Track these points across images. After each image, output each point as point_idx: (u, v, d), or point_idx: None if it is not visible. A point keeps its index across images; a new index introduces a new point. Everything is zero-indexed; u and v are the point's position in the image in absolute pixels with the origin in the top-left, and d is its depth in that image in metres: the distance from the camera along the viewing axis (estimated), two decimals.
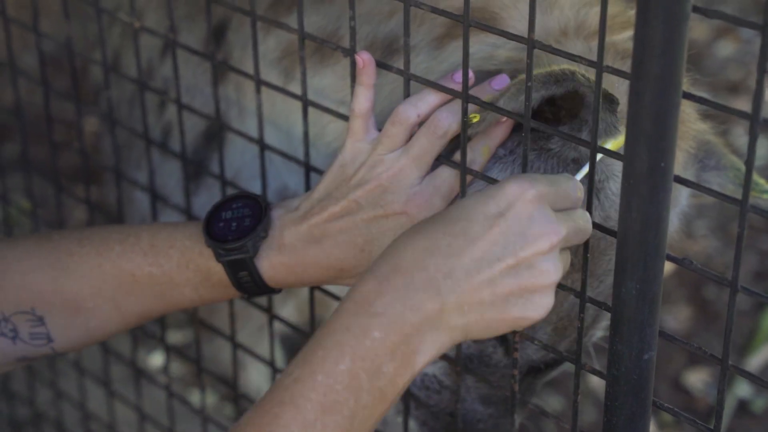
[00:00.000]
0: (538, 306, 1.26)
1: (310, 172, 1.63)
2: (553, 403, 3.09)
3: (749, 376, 1.25)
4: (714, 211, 3.79)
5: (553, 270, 1.25)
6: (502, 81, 1.43)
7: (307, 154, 1.61)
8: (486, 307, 1.24)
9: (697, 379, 3.20)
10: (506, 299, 1.24)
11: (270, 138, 1.73)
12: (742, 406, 3.12)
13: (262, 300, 1.86)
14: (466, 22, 1.32)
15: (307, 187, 1.63)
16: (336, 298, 1.67)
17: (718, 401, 1.24)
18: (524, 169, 1.36)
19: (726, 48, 4.70)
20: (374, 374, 1.22)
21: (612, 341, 1.28)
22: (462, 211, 1.26)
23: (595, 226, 1.32)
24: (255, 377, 2.56)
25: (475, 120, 1.39)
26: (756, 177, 1.62)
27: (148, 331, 2.26)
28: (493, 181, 1.39)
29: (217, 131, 1.80)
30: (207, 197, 1.94)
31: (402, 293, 1.23)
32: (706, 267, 1.26)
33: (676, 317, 3.36)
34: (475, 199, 1.27)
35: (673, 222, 1.71)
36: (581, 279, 1.35)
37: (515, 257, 1.23)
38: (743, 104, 4.16)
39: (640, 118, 1.18)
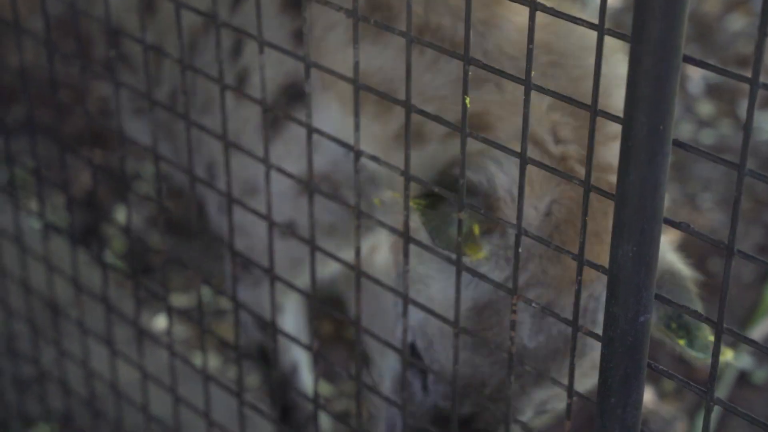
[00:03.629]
0: None
1: None
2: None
3: (744, 339, 1.26)
4: (720, 185, 3.79)
5: None
6: None
7: None
8: None
9: None
10: None
11: None
12: (743, 377, 3.14)
13: None
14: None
15: None
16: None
17: (712, 364, 1.25)
18: None
19: (737, 21, 4.68)
20: None
21: (608, 303, 1.29)
22: None
23: (594, 189, 1.32)
24: (292, 321, 2.56)
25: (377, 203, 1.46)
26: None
27: (152, 293, 2.28)
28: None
29: (299, 91, 1.82)
30: (284, 149, 1.96)
31: None
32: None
33: None
34: None
35: None
36: (580, 241, 1.35)
37: None
38: None
39: (640, 82, 1.18)
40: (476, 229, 1.62)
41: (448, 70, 1.80)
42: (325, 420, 2.59)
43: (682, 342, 1.63)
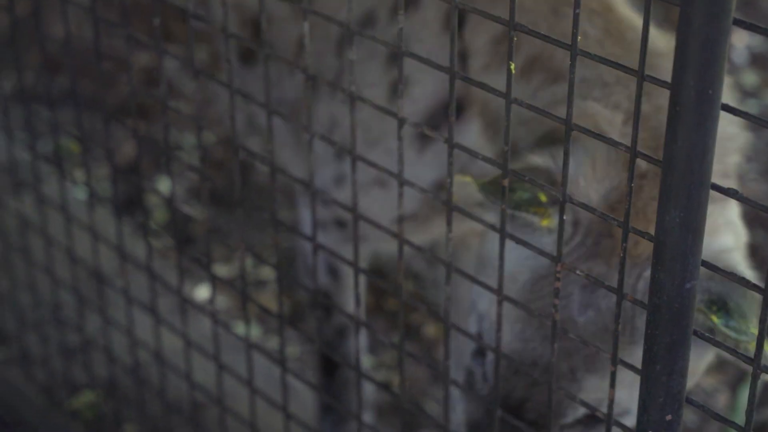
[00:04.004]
0: None
1: None
2: None
3: None
4: (764, 156, 3.75)
5: None
6: None
7: None
8: None
9: None
10: None
11: None
12: None
13: None
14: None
15: None
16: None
17: (759, 330, 1.24)
18: None
19: None
20: None
21: (654, 270, 1.29)
22: None
23: (641, 155, 1.31)
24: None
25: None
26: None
27: (194, 263, 2.30)
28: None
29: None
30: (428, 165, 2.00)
31: None
32: (755, 212, 1.26)
33: None
34: None
35: None
36: (625, 208, 1.34)
37: None
38: None
39: (689, 45, 1.17)
40: (542, 197, 1.64)
41: (543, 96, 1.89)
42: (368, 389, 2.60)
43: (715, 319, 1.62)
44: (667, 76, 1.23)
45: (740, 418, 1.36)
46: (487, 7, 1.45)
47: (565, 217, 1.42)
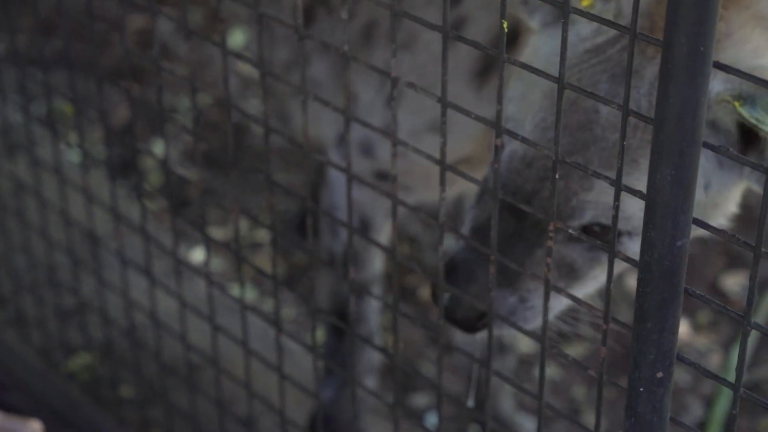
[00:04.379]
0: None
1: None
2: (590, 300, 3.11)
3: None
4: None
5: None
6: None
7: None
8: None
9: (734, 282, 3.20)
10: None
11: None
12: None
13: None
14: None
15: None
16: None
17: (749, 287, 1.25)
18: None
19: None
20: None
21: (645, 228, 1.29)
22: None
23: (632, 113, 1.31)
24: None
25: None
26: None
27: (189, 225, 2.30)
28: None
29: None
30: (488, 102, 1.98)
31: None
32: None
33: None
34: None
35: None
36: (618, 167, 1.35)
37: None
38: None
39: (680, 3, 1.17)
40: None
41: None
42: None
43: (739, 107, 1.57)
44: None
45: (732, 378, 1.37)
46: None
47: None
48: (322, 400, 2.46)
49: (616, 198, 1.36)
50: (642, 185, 1.31)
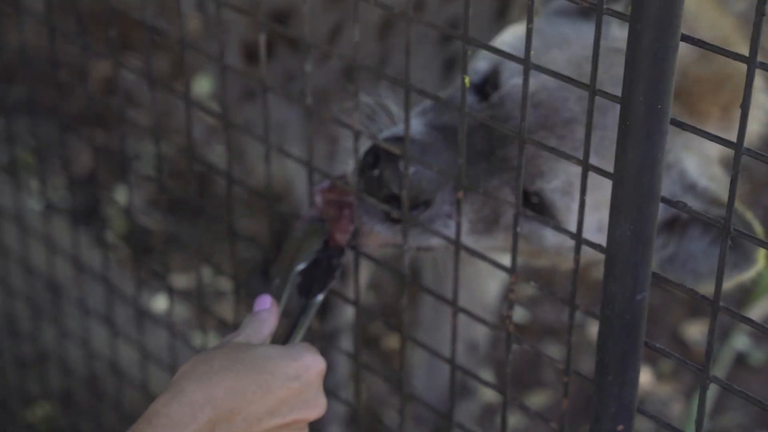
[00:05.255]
0: None
1: None
2: (554, 351, 3.12)
3: (742, 319, 1.27)
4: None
5: None
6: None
7: None
8: None
9: (695, 331, 3.22)
10: None
11: None
12: (741, 359, 3.15)
13: None
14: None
15: None
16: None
17: (708, 341, 1.26)
18: None
19: (737, 2, 4.67)
20: None
21: (606, 282, 1.30)
22: (269, 363, 1.43)
23: (592, 168, 1.33)
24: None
25: None
26: None
27: (152, 273, 2.29)
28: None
29: None
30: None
31: (210, 421, 1.37)
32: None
33: None
34: (280, 355, 1.45)
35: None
36: (578, 220, 1.36)
37: (293, 417, 1.44)
38: None
39: (638, 61, 1.18)
40: None
41: None
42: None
43: None
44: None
45: (693, 428, 1.37)
46: None
47: None
48: None
49: (583, 188, 1.33)
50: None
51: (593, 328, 3.12)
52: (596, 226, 1.65)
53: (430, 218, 1.65)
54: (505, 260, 1.54)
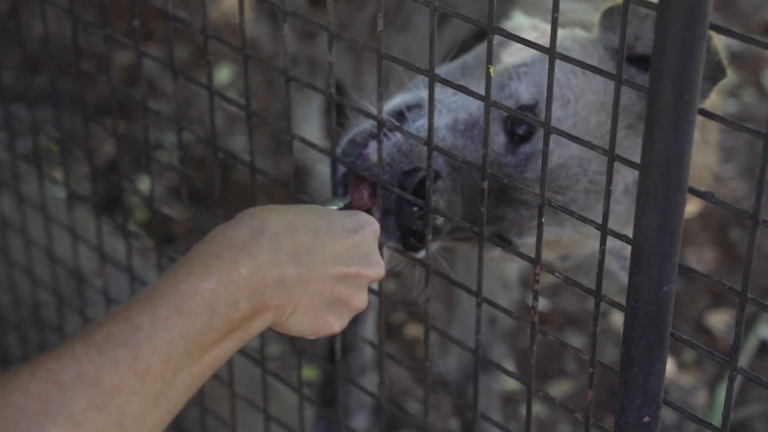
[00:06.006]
0: (339, 323, 1.39)
1: None
2: (575, 341, 3.11)
3: (766, 307, 1.26)
4: (742, 154, 3.77)
5: (365, 299, 1.42)
6: None
7: None
8: (321, 298, 1.35)
9: (719, 320, 3.21)
10: (333, 302, 1.37)
11: None
12: (764, 347, 3.13)
13: None
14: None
15: None
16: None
17: (735, 333, 1.25)
18: None
19: None
20: (231, 305, 1.27)
21: (632, 273, 1.29)
22: (324, 214, 1.40)
23: (617, 158, 1.32)
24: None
25: None
26: None
27: (173, 262, 2.28)
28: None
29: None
30: None
31: (271, 249, 1.30)
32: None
33: (700, 259, 3.36)
34: (334, 212, 1.43)
35: None
36: (603, 211, 1.35)
37: (356, 270, 1.39)
38: None
39: (666, 49, 1.17)
40: None
41: None
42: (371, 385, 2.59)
43: None
44: None
45: (718, 417, 1.37)
46: None
47: None
48: None
49: (609, 178, 1.33)
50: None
51: (616, 317, 3.11)
52: None
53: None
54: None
